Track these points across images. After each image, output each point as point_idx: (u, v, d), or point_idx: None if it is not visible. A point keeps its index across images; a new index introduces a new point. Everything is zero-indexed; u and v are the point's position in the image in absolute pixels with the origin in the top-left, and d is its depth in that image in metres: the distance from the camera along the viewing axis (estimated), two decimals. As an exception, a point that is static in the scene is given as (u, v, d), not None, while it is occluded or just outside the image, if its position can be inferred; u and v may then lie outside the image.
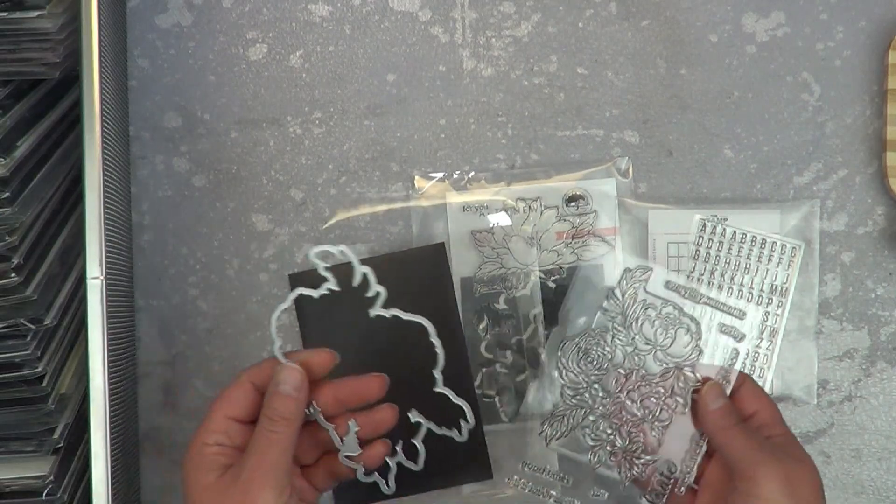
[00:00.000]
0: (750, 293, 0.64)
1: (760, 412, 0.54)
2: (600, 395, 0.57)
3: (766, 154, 0.65)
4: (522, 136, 0.66)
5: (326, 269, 0.51)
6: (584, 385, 0.57)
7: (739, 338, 0.58)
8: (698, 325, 0.57)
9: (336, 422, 0.51)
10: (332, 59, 0.66)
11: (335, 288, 0.52)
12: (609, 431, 0.57)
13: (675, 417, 0.55)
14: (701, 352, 0.57)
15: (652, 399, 0.56)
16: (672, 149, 0.65)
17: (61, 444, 0.53)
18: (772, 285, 0.64)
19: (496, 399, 0.64)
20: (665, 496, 0.55)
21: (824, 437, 0.65)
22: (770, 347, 0.63)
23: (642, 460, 0.56)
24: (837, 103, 0.65)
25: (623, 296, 0.58)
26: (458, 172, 0.65)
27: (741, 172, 0.65)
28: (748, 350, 0.63)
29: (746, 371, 0.63)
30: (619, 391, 0.57)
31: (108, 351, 0.53)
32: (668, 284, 0.58)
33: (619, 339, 0.57)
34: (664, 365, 0.56)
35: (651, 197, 0.65)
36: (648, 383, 0.56)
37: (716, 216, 0.64)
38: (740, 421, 0.53)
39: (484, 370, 0.64)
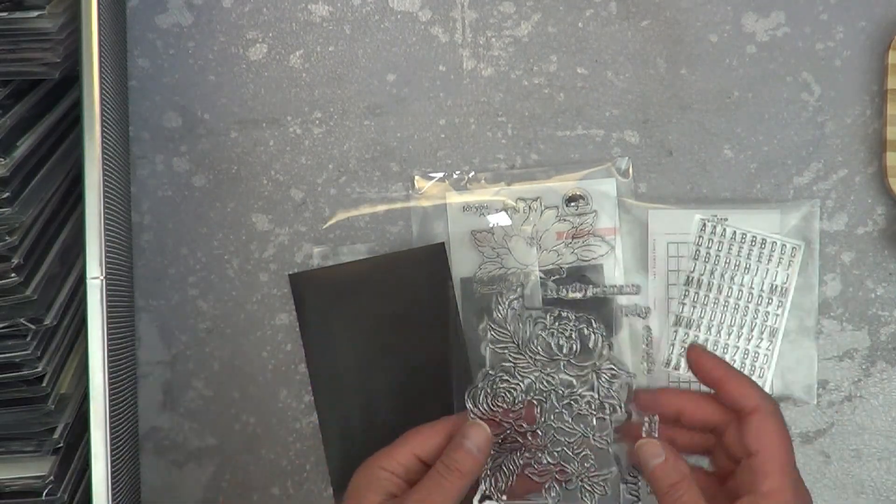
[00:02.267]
0: (750, 293, 0.64)
1: (760, 406, 0.50)
2: (524, 430, 0.52)
3: (766, 154, 0.65)
4: (522, 136, 0.66)
5: None
6: (508, 426, 0.53)
7: (645, 314, 0.54)
8: (595, 319, 0.53)
9: None
10: (332, 59, 0.66)
11: None
12: (552, 461, 0.52)
13: (615, 418, 0.52)
14: (611, 346, 0.53)
15: (582, 412, 0.52)
16: (672, 149, 0.65)
17: (61, 444, 0.53)
18: (772, 285, 0.64)
19: (496, 399, 0.64)
20: (639, 495, 0.52)
21: (824, 437, 0.65)
22: (770, 347, 0.63)
23: (602, 475, 0.52)
24: (837, 103, 0.65)
25: (506, 322, 0.53)
26: (458, 172, 0.65)
27: (741, 172, 0.65)
28: (659, 326, 0.59)
29: (747, 371, 0.63)
30: (545, 419, 0.52)
31: (108, 351, 0.53)
32: (545, 289, 0.54)
33: (521, 367, 0.53)
34: (578, 372, 0.52)
35: (651, 197, 0.65)
36: (570, 398, 0.52)
37: (716, 216, 0.64)
38: (686, 475, 0.49)
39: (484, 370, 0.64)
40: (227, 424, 0.65)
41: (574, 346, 0.53)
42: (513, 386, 0.53)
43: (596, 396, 0.52)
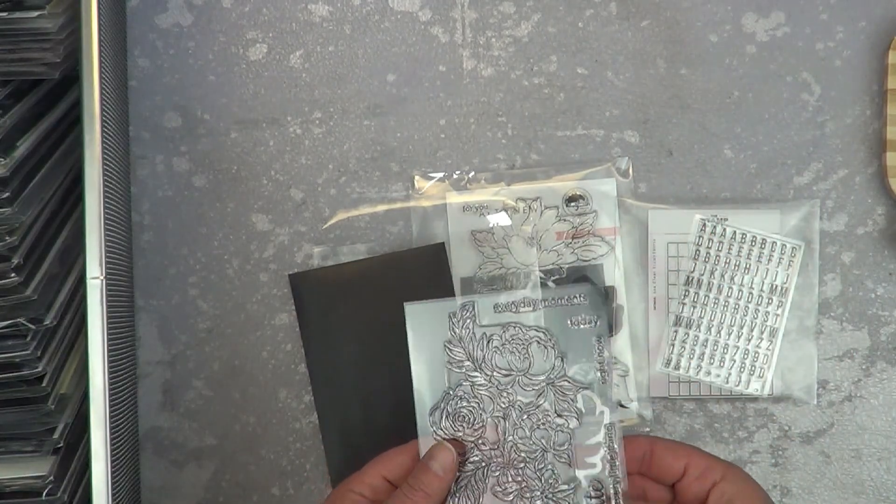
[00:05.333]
0: (750, 293, 0.64)
1: (691, 464, 0.52)
2: (487, 447, 0.53)
3: (766, 154, 0.65)
4: (522, 136, 0.66)
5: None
6: (471, 444, 0.53)
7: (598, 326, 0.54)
8: (548, 330, 0.54)
9: None
10: (332, 59, 0.66)
11: None
12: (516, 477, 0.53)
13: (574, 432, 0.53)
14: (563, 358, 0.53)
15: (541, 427, 0.53)
16: (672, 149, 0.65)
17: (61, 444, 0.53)
18: (772, 285, 0.64)
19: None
20: None
21: (824, 437, 0.65)
22: (770, 347, 0.63)
23: (564, 491, 0.52)
24: (837, 103, 0.65)
25: (461, 341, 0.54)
26: (458, 172, 0.65)
27: (741, 172, 0.65)
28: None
29: (747, 371, 0.63)
30: (505, 435, 0.53)
31: (108, 351, 0.53)
32: (496, 307, 0.55)
33: (478, 385, 0.54)
34: (533, 387, 0.53)
35: (651, 197, 0.65)
36: (528, 413, 0.53)
37: (716, 216, 0.64)
38: None
39: (484, 370, 0.64)
40: (227, 424, 0.65)
41: (529, 362, 0.54)
42: (472, 405, 0.54)
43: (553, 410, 0.53)
